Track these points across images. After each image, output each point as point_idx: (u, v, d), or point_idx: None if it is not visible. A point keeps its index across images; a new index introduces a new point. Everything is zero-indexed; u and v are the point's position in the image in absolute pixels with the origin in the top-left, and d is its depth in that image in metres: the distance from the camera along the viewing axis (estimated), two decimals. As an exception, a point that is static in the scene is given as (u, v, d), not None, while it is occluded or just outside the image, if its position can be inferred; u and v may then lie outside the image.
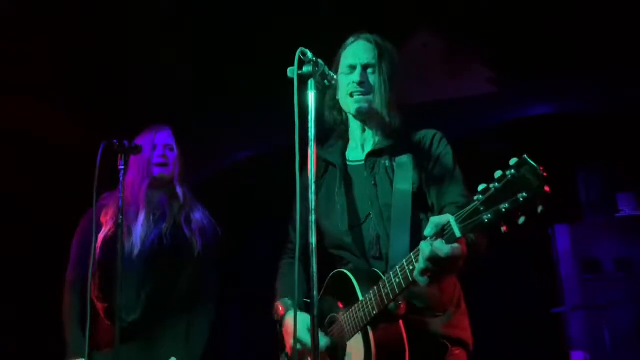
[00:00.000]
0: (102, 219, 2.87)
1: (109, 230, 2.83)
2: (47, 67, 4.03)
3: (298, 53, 1.81)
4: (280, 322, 2.27)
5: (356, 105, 2.14)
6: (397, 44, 2.25)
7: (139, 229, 2.87)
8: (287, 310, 2.25)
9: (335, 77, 2.00)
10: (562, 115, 5.07)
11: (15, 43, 3.82)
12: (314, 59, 1.86)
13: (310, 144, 1.82)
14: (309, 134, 1.83)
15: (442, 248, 1.63)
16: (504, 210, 1.45)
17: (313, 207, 1.77)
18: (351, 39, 2.24)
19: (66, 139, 4.44)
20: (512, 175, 1.44)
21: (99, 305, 2.80)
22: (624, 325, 4.40)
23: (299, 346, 2.11)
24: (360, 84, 2.10)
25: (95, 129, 3.78)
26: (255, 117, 4.73)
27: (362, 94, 2.12)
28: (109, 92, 4.27)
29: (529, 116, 5.12)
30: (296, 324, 1.83)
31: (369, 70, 2.15)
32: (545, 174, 1.40)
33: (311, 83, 1.85)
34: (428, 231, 1.68)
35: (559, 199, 4.58)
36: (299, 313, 2.19)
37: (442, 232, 1.64)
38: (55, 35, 3.84)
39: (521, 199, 1.41)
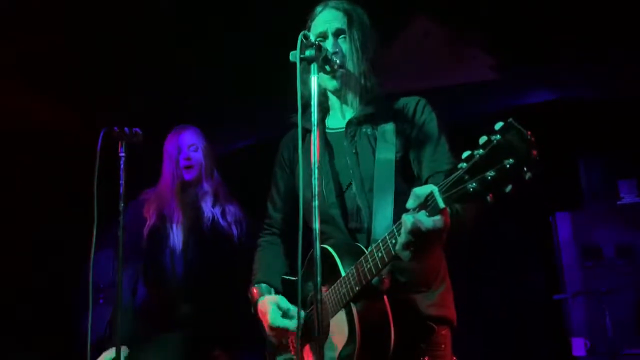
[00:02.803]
0: (146, 214, 3.01)
1: (154, 224, 2.98)
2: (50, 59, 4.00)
3: (300, 37, 1.79)
4: (254, 305, 2.23)
5: (331, 82, 2.10)
6: (397, 29, 2.22)
7: (180, 228, 3.01)
8: (261, 295, 2.22)
9: (337, 61, 1.98)
10: (562, 102, 5.05)
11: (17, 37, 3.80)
12: (316, 42, 1.85)
13: (312, 129, 1.80)
14: (312, 118, 1.81)
15: (425, 220, 1.56)
16: (489, 178, 1.37)
17: (316, 193, 1.73)
18: (319, 8, 2.18)
19: (72, 132, 4.43)
20: (498, 140, 1.36)
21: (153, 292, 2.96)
22: (625, 311, 4.39)
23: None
24: (334, 54, 2.01)
25: (97, 119, 3.77)
26: (254, 106, 4.72)
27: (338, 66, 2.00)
28: (110, 80, 4.23)
29: (530, 103, 5.10)
30: (300, 308, 1.79)
31: (340, 38, 2.10)
32: (533, 138, 1.33)
33: (314, 67, 1.83)
34: (410, 203, 1.61)
35: (560, 186, 4.58)
36: (269, 297, 2.18)
37: (425, 204, 1.57)
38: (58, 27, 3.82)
39: (508, 166, 1.34)
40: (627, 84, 4.86)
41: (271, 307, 2.13)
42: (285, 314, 2.11)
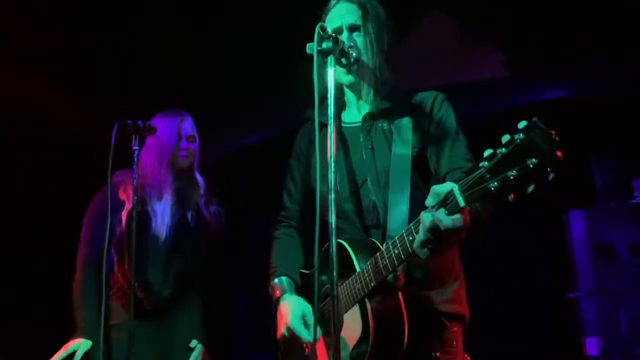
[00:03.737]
0: (122, 196, 2.89)
1: (132, 208, 2.81)
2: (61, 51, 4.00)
3: (317, 29, 1.78)
4: (276, 303, 2.19)
5: (347, 77, 2.08)
6: (408, 27, 2.21)
7: (166, 213, 2.93)
8: (284, 292, 2.18)
9: (354, 54, 1.97)
10: (576, 99, 5.02)
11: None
12: (333, 34, 1.83)
13: (329, 122, 1.78)
14: (329, 112, 1.80)
15: (444, 219, 1.53)
16: (512, 177, 1.34)
17: (332, 187, 1.72)
18: (333, 2, 2.16)
19: (75, 122, 4.44)
20: (521, 139, 1.33)
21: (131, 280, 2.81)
22: (639, 311, 4.35)
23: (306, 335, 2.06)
24: (350, 47, 1.97)
25: (105, 111, 3.77)
26: (266, 101, 4.71)
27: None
28: (119, 74, 4.24)
29: (543, 100, 5.06)
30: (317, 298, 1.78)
31: (355, 33, 2.07)
32: (557, 138, 1.30)
33: (330, 59, 1.82)
34: (429, 201, 1.58)
35: (574, 184, 4.54)
36: (293, 297, 2.14)
37: (445, 202, 1.54)
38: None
39: (531, 166, 1.31)
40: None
41: (296, 312, 2.09)
42: (307, 326, 2.08)
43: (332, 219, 1.69)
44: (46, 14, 3.76)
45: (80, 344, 2.72)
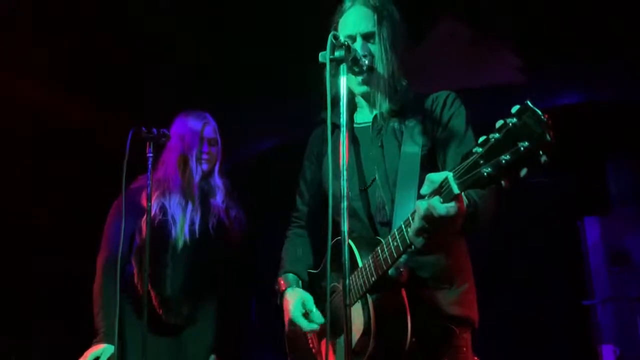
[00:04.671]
0: (143, 202, 2.82)
1: (154, 215, 2.82)
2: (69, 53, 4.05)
3: (330, 37, 1.79)
4: (280, 296, 2.22)
5: (360, 88, 2.09)
6: (424, 30, 2.21)
7: (186, 221, 2.88)
8: (288, 285, 2.20)
9: (367, 62, 1.97)
10: (591, 104, 4.97)
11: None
12: (346, 43, 1.84)
13: (342, 130, 1.79)
14: (341, 119, 1.81)
15: (438, 206, 1.53)
16: (504, 162, 1.33)
17: (345, 194, 1.73)
18: (348, 3, 2.14)
19: (93, 127, 4.48)
20: (513, 123, 1.32)
21: (152, 293, 2.80)
22: (656, 319, 4.31)
23: (308, 326, 2.06)
24: (363, 57, 1.98)
25: (120, 117, 3.81)
26: (281, 106, 4.73)
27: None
28: (134, 79, 4.28)
29: (558, 105, 5.03)
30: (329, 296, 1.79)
31: (370, 41, 2.06)
32: (549, 121, 1.28)
33: (343, 68, 1.83)
34: (425, 189, 1.58)
35: (588, 190, 4.50)
36: (295, 290, 2.16)
37: (440, 189, 1.53)
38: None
39: (522, 149, 1.29)
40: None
41: (296, 302, 2.11)
42: (307, 315, 2.09)
43: (345, 227, 1.70)
44: (60, 18, 3.80)
45: (103, 350, 2.69)
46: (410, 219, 1.66)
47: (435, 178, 1.56)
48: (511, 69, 4.51)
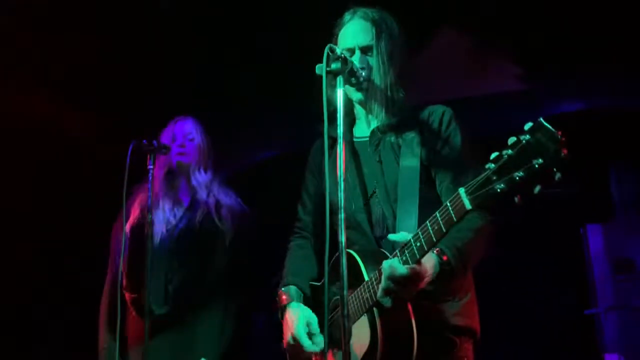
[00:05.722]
0: (132, 210, 2.84)
1: (136, 219, 2.80)
2: (67, 65, 4.06)
3: (326, 50, 1.80)
4: (282, 310, 2.20)
5: (357, 95, 2.10)
6: (426, 39, 2.21)
7: (160, 219, 2.82)
8: (291, 300, 2.19)
9: (364, 74, 1.98)
10: (594, 111, 4.96)
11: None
12: (342, 55, 1.85)
13: (339, 141, 1.80)
14: (338, 131, 1.81)
15: (398, 266, 1.66)
16: (517, 178, 1.35)
17: (342, 206, 1.73)
18: (347, 16, 2.16)
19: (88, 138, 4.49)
20: (527, 140, 1.34)
21: (127, 296, 2.75)
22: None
23: (312, 345, 2.07)
24: (361, 69, 2.01)
25: (115, 128, 3.82)
26: (276, 117, 4.73)
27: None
28: (128, 91, 4.28)
29: (560, 112, 5.02)
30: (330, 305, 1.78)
31: (368, 54, 2.08)
32: (563, 138, 1.29)
33: (340, 80, 1.84)
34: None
35: (591, 197, 4.48)
36: (299, 306, 2.15)
37: (402, 251, 1.68)
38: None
39: (536, 166, 1.31)
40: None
41: (300, 321, 2.10)
42: (311, 336, 2.09)
43: (342, 238, 1.70)
44: (61, 28, 3.81)
45: None
46: (420, 235, 1.69)
47: (404, 237, 1.70)
48: (511, 76, 4.51)
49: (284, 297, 2.22)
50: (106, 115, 4.37)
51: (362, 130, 2.20)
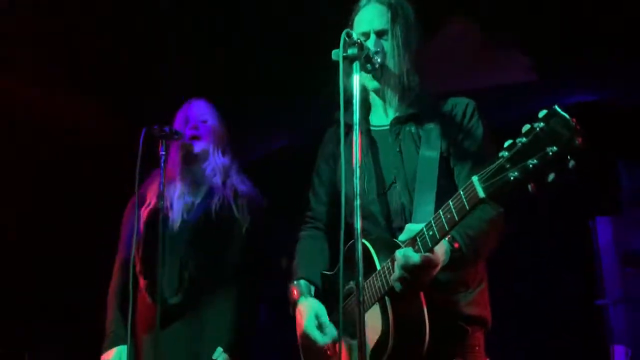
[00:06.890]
0: (148, 195, 2.78)
1: (153, 205, 2.73)
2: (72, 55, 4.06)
3: (343, 35, 1.79)
4: (293, 306, 2.20)
5: (372, 83, 2.10)
6: (438, 28, 2.21)
7: (177, 204, 2.76)
8: (301, 295, 2.18)
9: (379, 60, 1.98)
10: (603, 103, 4.93)
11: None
12: (359, 40, 1.84)
13: (354, 128, 1.80)
14: (354, 118, 1.81)
15: (412, 255, 1.69)
16: (531, 166, 1.34)
17: (358, 192, 1.73)
18: (363, 2, 2.16)
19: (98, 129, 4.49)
20: (541, 128, 1.34)
21: (141, 281, 2.71)
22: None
23: (327, 339, 2.07)
24: (376, 53, 1.99)
25: (129, 118, 3.82)
26: (291, 107, 4.72)
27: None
28: (141, 81, 4.28)
29: (569, 104, 4.99)
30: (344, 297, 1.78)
31: (383, 38, 2.08)
32: (578, 126, 1.29)
33: (356, 66, 1.83)
34: (403, 236, 1.75)
35: (600, 190, 4.47)
36: (308, 300, 2.15)
37: (414, 242, 1.69)
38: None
39: (550, 153, 1.31)
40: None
41: (309, 315, 2.11)
42: (321, 327, 2.09)
43: (358, 224, 1.70)
44: (66, 16, 3.80)
45: (116, 355, 2.64)
46: (432, 223, 1.69)
47: (414, 228, 1.70)
48: (520, 68, 4.49)
49: (295, 292, 2.21)
50: (118, 103, 4.37)
51: (380, 119, 2.20)
